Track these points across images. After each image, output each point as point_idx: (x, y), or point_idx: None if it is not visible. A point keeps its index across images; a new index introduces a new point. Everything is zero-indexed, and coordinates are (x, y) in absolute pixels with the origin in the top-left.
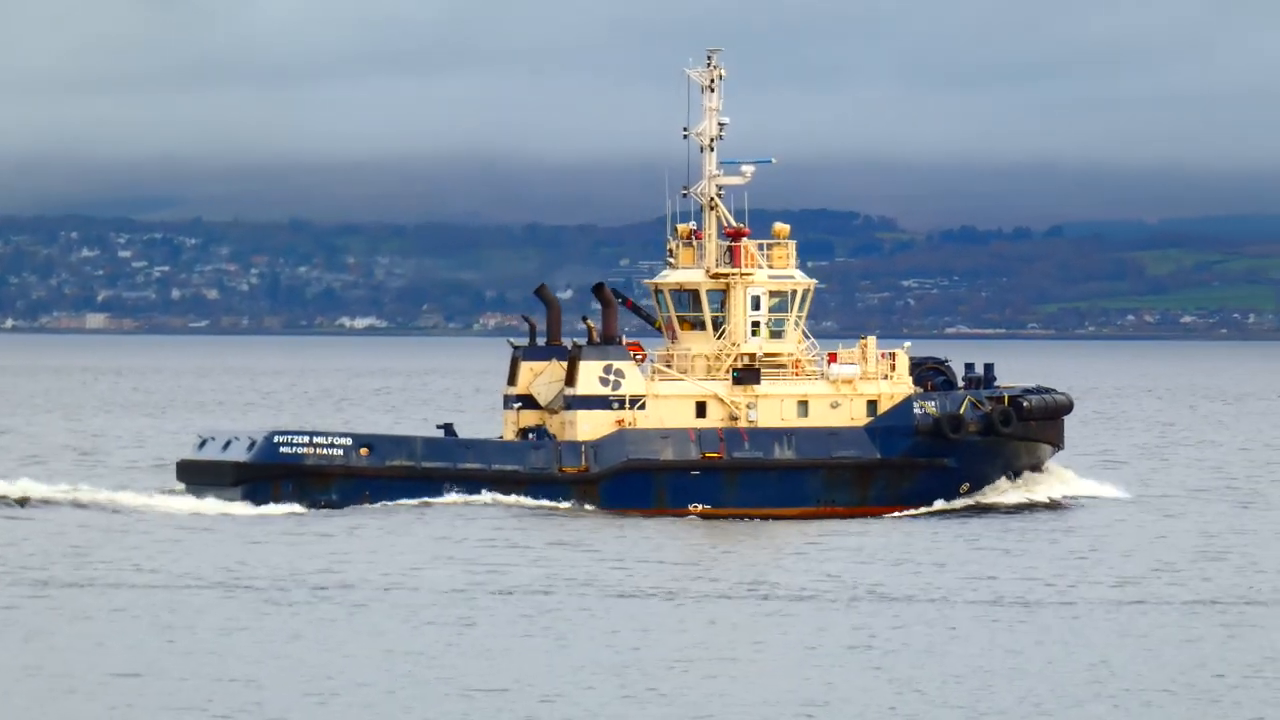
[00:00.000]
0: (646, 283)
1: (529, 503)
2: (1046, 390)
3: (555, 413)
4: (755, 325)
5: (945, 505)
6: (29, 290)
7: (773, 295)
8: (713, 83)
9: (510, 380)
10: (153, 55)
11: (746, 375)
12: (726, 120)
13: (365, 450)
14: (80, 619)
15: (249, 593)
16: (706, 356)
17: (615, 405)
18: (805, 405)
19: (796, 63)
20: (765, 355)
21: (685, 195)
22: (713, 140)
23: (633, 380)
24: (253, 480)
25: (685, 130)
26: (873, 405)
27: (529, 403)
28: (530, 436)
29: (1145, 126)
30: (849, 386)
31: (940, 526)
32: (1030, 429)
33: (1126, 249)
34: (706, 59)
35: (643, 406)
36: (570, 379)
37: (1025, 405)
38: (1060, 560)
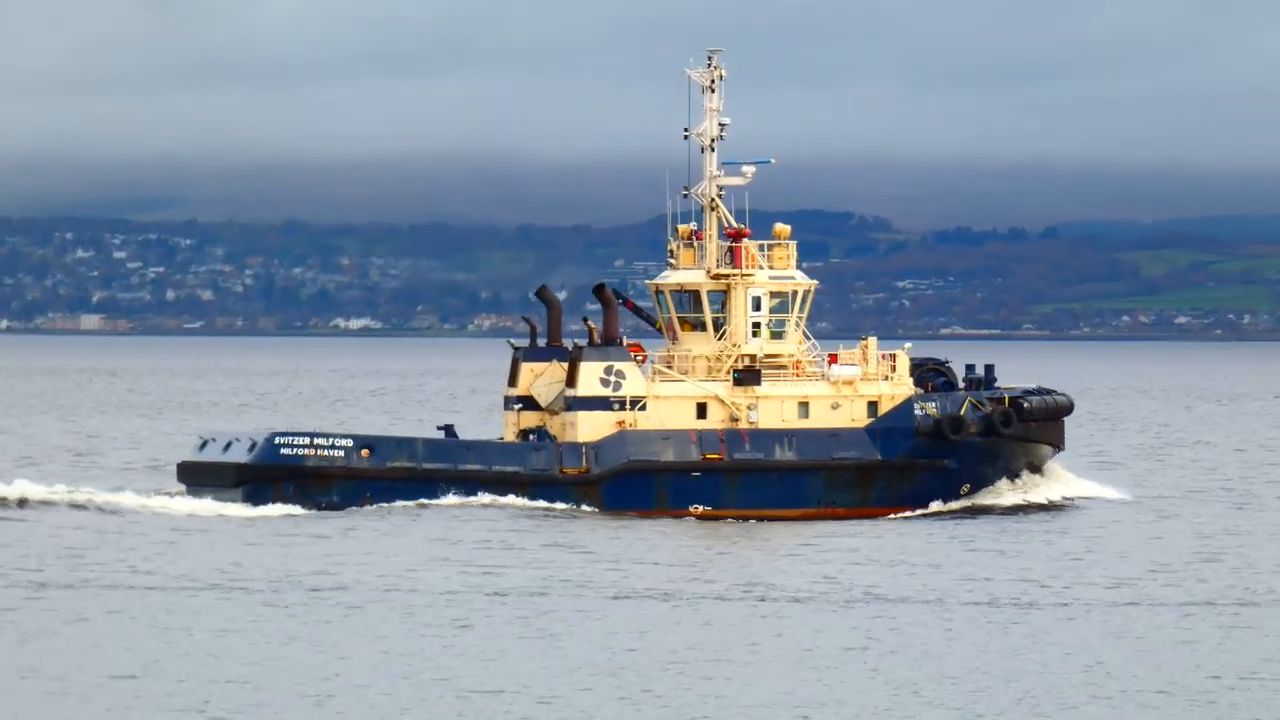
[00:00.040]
0: (647, 283)
1: (530, 504)
2: (1047, 391)
3: (556, 414)
4: (756, 326)
5: (946, 506)
6: (24, 291)
7: (773, 296)
8: (713, 83)
9: (511, 381)
10: (151, 55)
11: (747, 376)
12: (727, 121)
13: (366, 452)
14: (77, 621)
15: (246, 594)
16: (707, 357)
17: (616, 406)
18: (806, 406)
19: (795, 63)
20: (766, 356)
21: (686, 196)
22: (713, 141)
23: (633, 381)
24: (253, 481)
25: (686, 131)
26: (873, 406)
27: (529, 404)
28: (531, 438)
29: (1141, 127)
30: (850, 388)
31: (936, 528)
32: (1031, 430)
33: (1121, 249)
34: (707, 59)
35: (643, 408)
36: (571, 380)
37: (1026, 406)
38: (1056, 561)
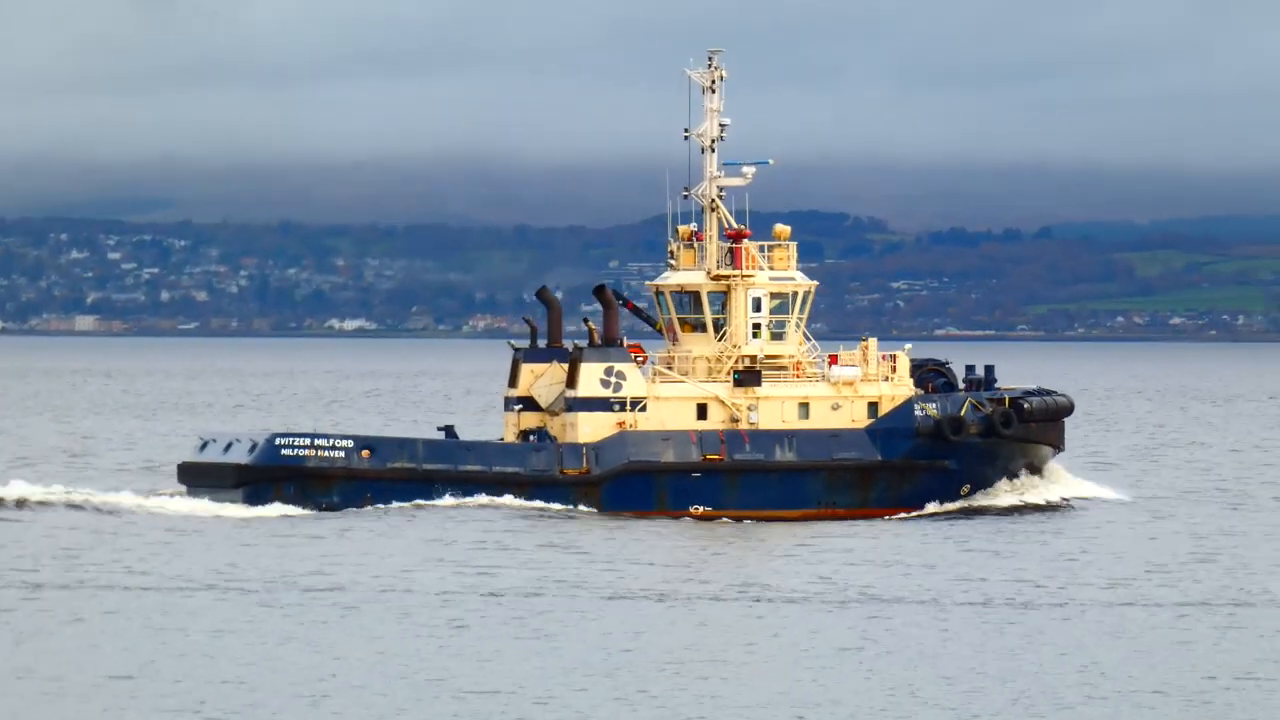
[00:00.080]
0: (648, 284)
1: (530, 505)
2: (1047, 392)
3: (556, 415)
4: (756, 327)
5: (946, 507)
6: (18, 292)
7: (774, 297)
8: (714, 84)
9: (511, 382)
10: (145, 56)
11: (747, 377)
12: (728, 121)
13: (367, 452)
14: (73, 621)
15: (242, 595)
16: (707, 358)
17: (616, 407)
18: (806, 407)
19: (793, 63)
20: (766, 357)
21: (686, 197)
22: (714, 141)
23: (634, 382)
24: (254, 482)
25: (686, 132)
26: (874, 407)
27: (530, 405)
28: (531, 439)
29: (1135, 128)
30: (850, 388)
31: (931, 528)
32: (1031, 431)
33: (1116, 250)
34: (708, 60)
35: (644, 408)
36: (571, 381)
37: (1026, 407)
38: (1051, 562)
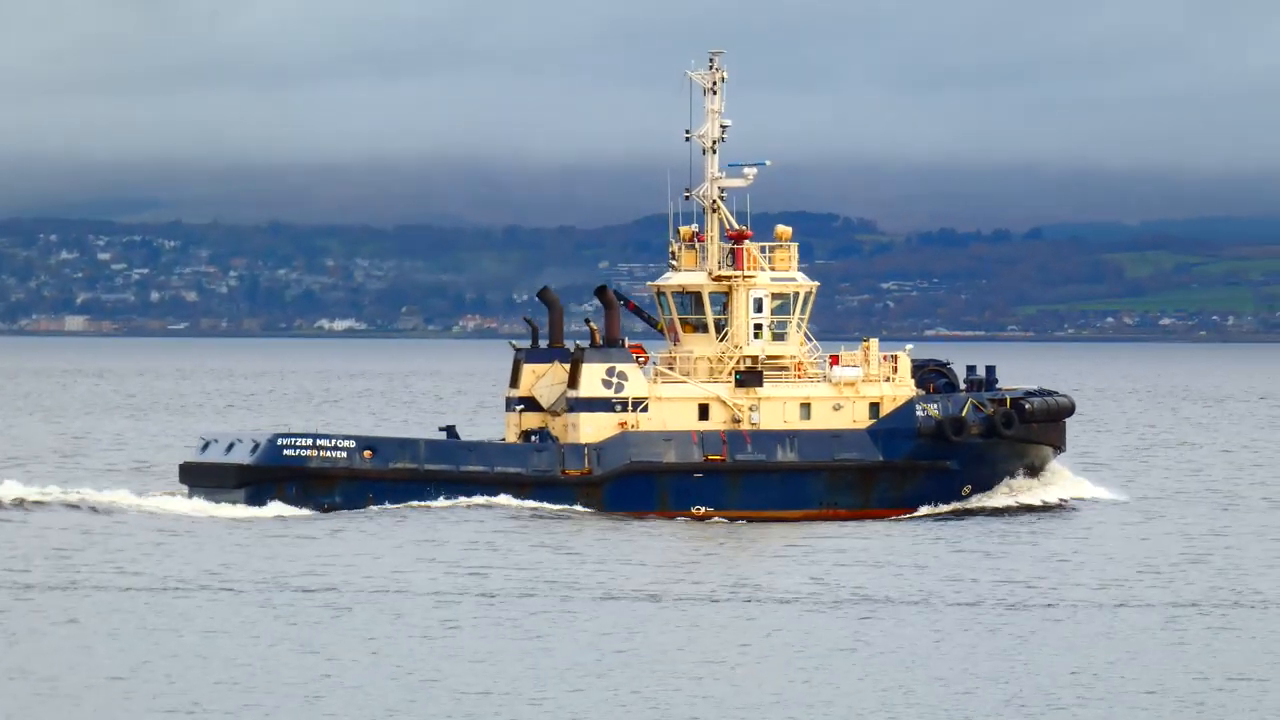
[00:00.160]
0: (649, 285)
1: (532, 505)
2: (1048, 392)
3: (558, 415)
4: (758, 328)
5: (948, 507)
6: (8, 292)
7: (775, 298)
8: (715, 85)
9: (512, 382)
10: (137, 57)
11: (749, 378)
12: (729, 123)
13: (369, 453)
14: (66, 622)
15: (235, 595)
16: (709, 359)
17: (618, 408)
18: (808, 408)
19: (785, 65)
20: (767, 358)
21: (688, 198)
22: (715, 143)
23: (635, 382)
24: (256, 483)
25: (688, 133)
26: (875, 408)
27: (531, 405)
28: (533, 439)
29: (1126, 129)
30: (851, 389)
31: (924, 529)
32: (1032, 431)
33: (1106, 251)
34: (709, 61)
35: (645, 409)
36: (573, 381)
37: (1027, 407)
38: (1043, 563)
